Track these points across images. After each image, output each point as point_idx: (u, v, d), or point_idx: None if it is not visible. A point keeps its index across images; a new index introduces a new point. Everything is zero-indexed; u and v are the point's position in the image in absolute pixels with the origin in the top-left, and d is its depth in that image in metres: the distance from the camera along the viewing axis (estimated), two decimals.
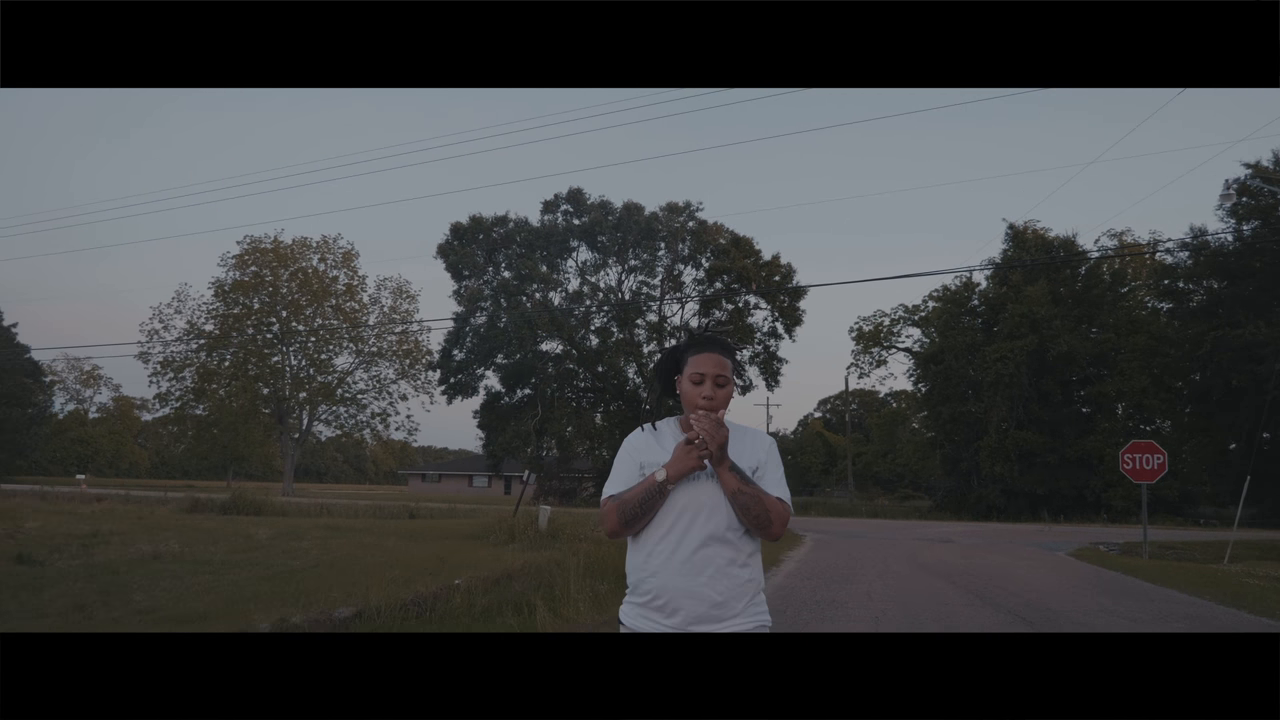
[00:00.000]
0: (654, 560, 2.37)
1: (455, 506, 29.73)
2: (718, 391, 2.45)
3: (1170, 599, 10.93)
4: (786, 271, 46.00)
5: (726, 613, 2.34)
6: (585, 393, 49.21)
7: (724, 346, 2.57)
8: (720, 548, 2.36)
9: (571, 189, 45.48)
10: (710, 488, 2.39)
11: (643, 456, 2.46)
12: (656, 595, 2.36)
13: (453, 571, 11.18)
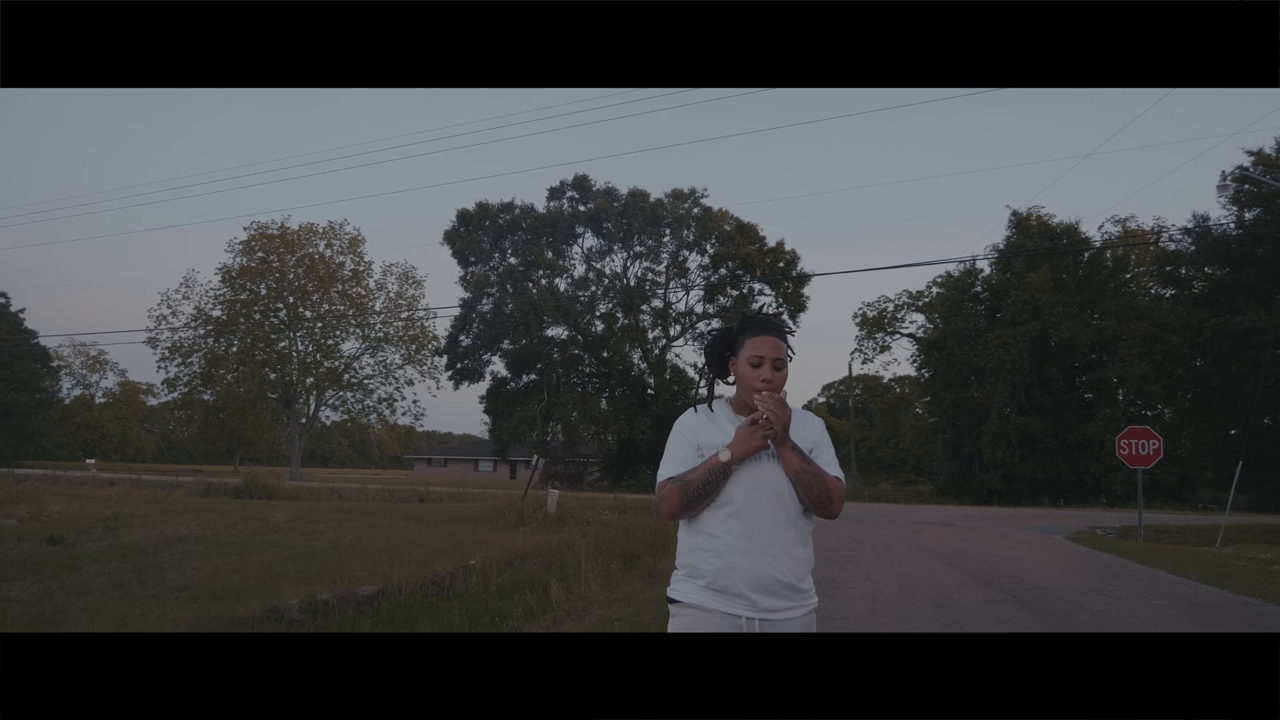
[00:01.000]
0: (717, 541, 2.39)
1: (463, 491, 30.18)
2: (776, 374, 2.45)
3: (1157, 579, 11.32)
4: (790, 258, 46.31)
5: (792, 592, 2.39)
6: (590, 378, 49.64)
7: (780, 329, 2.54)
8: (784, 528, 2.40)
9: (577, 175, 45.78)
10: (771, 468, 2.42)
11: (699, 438, 2.46)
12: (718, 576, 2.37)
13: (467, 552, 11.58)
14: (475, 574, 9.66)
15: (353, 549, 11.51)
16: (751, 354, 2.46)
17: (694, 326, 48.86)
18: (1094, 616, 8.20)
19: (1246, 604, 9.33)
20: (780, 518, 2.40)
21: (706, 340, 2.65)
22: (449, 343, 46.50)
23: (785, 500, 2.41)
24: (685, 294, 48.66)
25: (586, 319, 47.65)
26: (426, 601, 8.06)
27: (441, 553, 11.38)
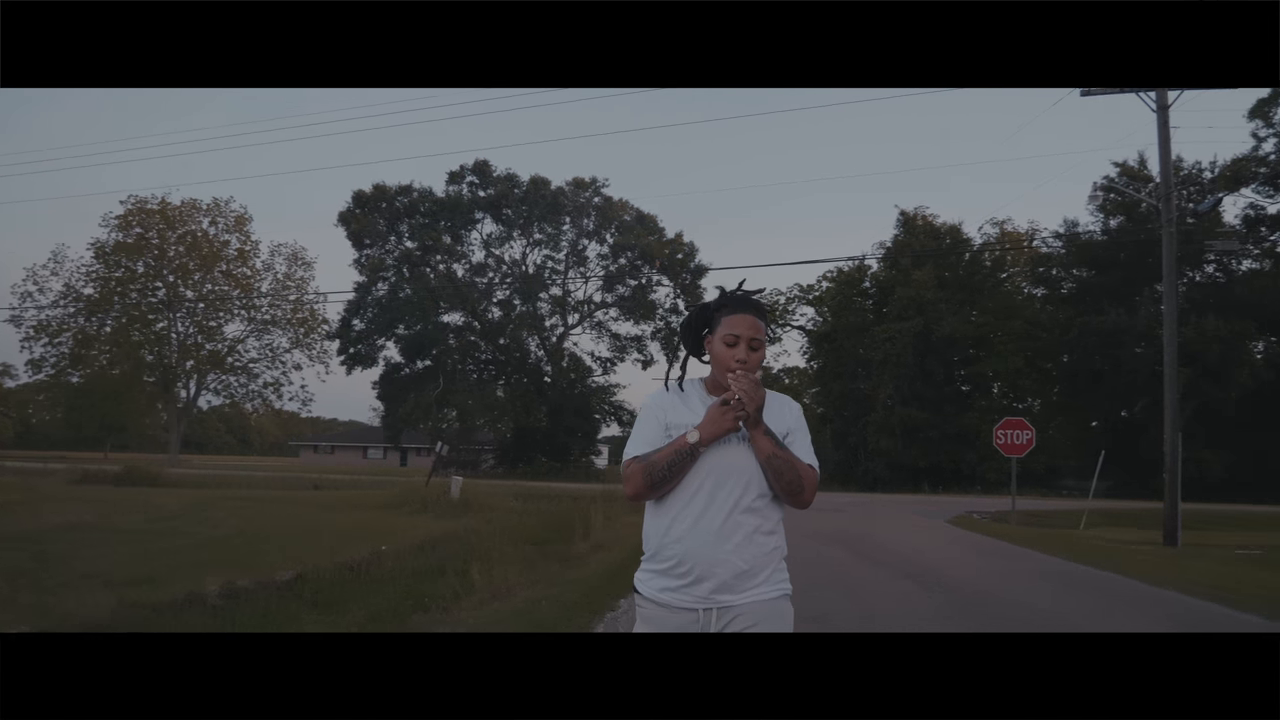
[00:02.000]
0: (678, 526, 2.30)
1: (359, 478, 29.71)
2: (751, 355, 2.35)
3: (1030, 557, 12.26)
4: (689, 250, 46.96)
5: (751, 581, 2.29)
6: (487, 365, 49.33)
7: (759, 308, 2.43)
8: (748, 515, 2.30)
9: (478, 160, 45.40)
10: (740, 452, 2.32)
11: (669, 417, 2.36)
12: (680, 562, 2.29)
13: (376, 539, 11.56)
14: (389, 559, 9.70)
15: (259, 536, 11.36)
16: (727, 332, 2.36)
17: (592, 315, 49.12)
18: (978, 591, 8.85)
19: (1107, 577, 10.24)
20: (744, 503, 2.30)
21: (684, 316, 2.56)
22: (341, 327, 45.50)
23: (752, 486, 2.32)
24: (584, 282, 48.90)
25: (484, 305, 47.33)
26: (346, 586, 8.09)
27: (351, 539, 11.35)
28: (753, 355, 2.35)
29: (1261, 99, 40.64)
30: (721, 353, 2.36)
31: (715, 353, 2.39)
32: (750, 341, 2.35)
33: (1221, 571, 11.12)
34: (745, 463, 2.33)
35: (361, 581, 8.49)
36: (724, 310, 2.40)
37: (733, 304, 2.41)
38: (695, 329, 2.48)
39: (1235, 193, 40.79)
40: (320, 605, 6.98)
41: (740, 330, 2.35)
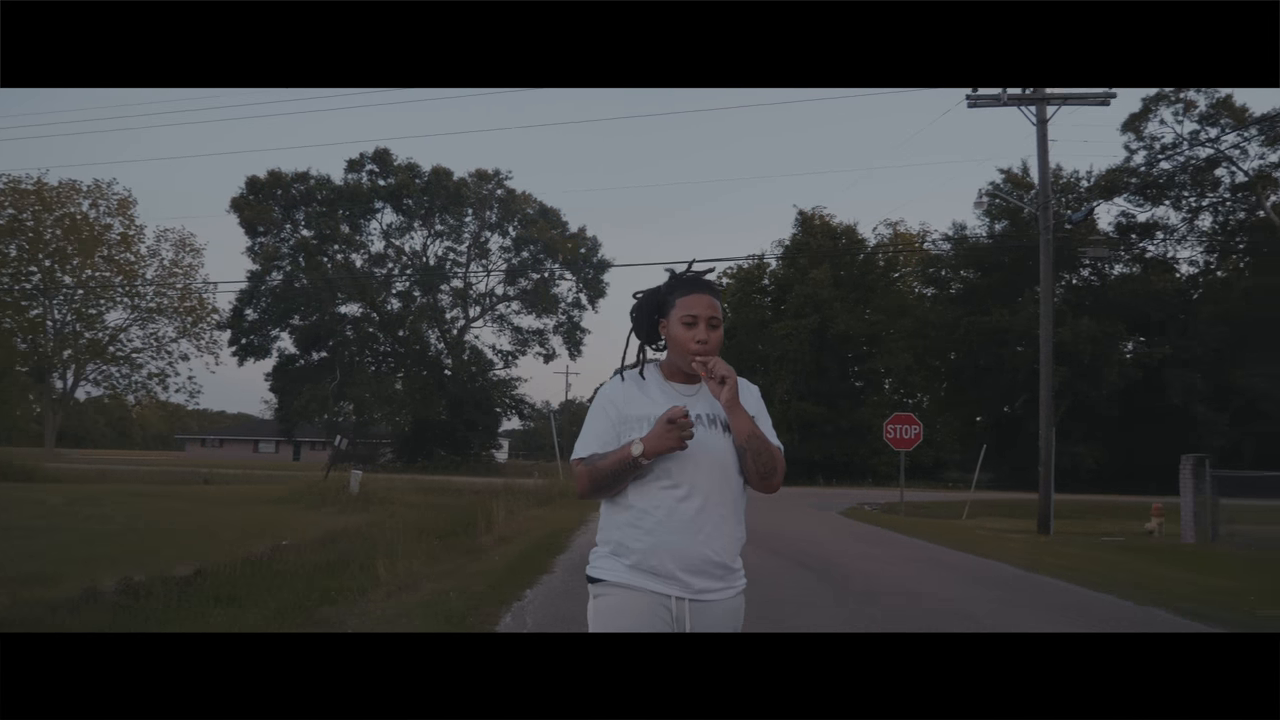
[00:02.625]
0: (648, 518, 2.20)
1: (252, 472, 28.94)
2: (711, 334, 2.26)
3: (917, 546, 12.96)
4: (592, 244, 47.15)
5: (720, 573, 2.23)
6: (386, 357, 48.57)
7: (712, 287, 2.35)
8: (720, 503, 2.23)
9: (378, 149, 44.56)
10: (711, 438, 2.24)
11: (628, 409, 2.27)
12: (648, 555, 2.19)
13: (275, 533, 11.43)
14: (291, 554, 9.63)
15: (151, 531, 11.10)
16: (684, 313, 2.27)
17: (494, 308, 48.83)
18: (868, 578, 9.34)
19: (985, 563, 10.93)
20: (718, 493, 2.23)
21: (635, 302, 2.43)
22: (233, 316, 44.05)
23: (727, 474, 2.25)
24: (486, 275, 48.56)
25: (383, 296, 46.55)
26: (248, 581, 8.03)
27: (250, 534, 11.18)
28: (713, 334, 2.26)
29: (1134, 113, 43.21)
30: (680, 334, 2.27)
31: (673, 335, 2.29)
32: (709, 320, 2.27)
33: (1086, 556, 11.97)
34: (716, 447, 2.25)
35: (263, 576, 8.43)
36: (677, 292, 2.32)
37: (686, 285, 2.33)
38: (648, 315, 2.38)
39: (1109, 201, 43.25)
40: (224, 600, 6.94)
41: (698, 310, 2.27)
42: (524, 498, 18.35)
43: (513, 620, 6.31)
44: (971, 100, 16.96)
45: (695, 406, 2.26)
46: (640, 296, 2.42)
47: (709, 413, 2.27)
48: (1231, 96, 42.10)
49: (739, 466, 2.28)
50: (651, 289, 2.41)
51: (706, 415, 2.26)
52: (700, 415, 2.25)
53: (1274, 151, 42.34)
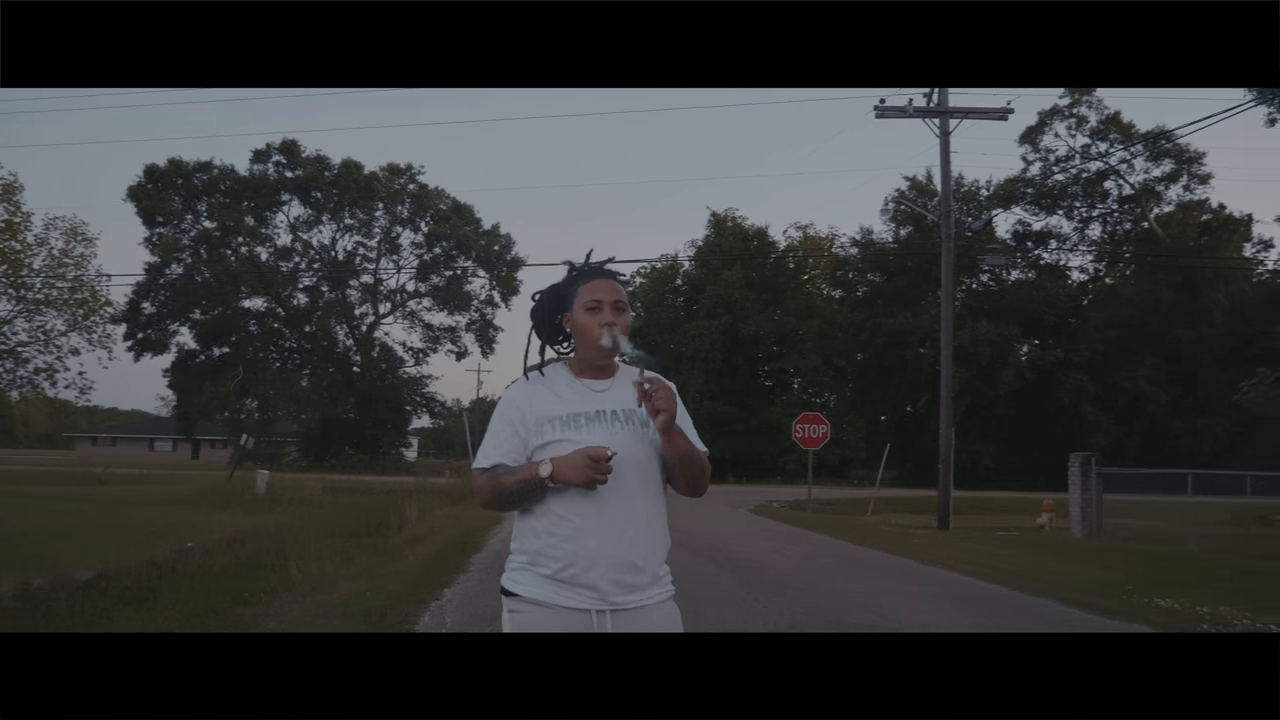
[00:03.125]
0: (565, 524, 2.07)
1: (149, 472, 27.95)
2: (619, 317, 2.15)
3: (823, 542, 13.40)
4: (506, 242, 46.86)
5: (645, 579, 2.12)
6: (291, 354, 47.39)
7: (614, 274, 2.25)
8: (642, 508, 2.13)
9: (286, 140, 43.47)
10: (630, 438, 2.12)
11: (535, 409, 2.14)
12: (569, 564, 2.06)
13: (180, 535, 11.14)
14: (197, 556, 9.42)
15: (48, 534, 10.69)
16: (588, 299, 2.16)
17: (405, 304, 48.11)
18: (777, 573, 9.63)
19: (886, 558, 11.40)
20: (640, 495, 2.12)
21: (534, 303, 2.31)
22: (129, 310, 42.30)
23: (647, 476, 2.14)
24: (397, 271, 47.80)
25: (289, 291, 45.39)
26: (154, 584, 7.85)
27: (152, 536, 10.88)
28: (620, 317, 2.15)
29: (1030, 126, 45.14)
30: (585, 321, 2.15)
31: (579, 324, 2.17)
32: (614, 304, 2.15)
33: (982, 550, 12.55)
34: (637, 450, 2.12)
35: (169, 579, 8.24)
36: (578, 283, 2.22)
37: (586, 274, 2.23)
38: (549, 314, 2.27)
39: (1007, 210, 45.09)
40: (132, 603, 6.78)
41: (601, 295, 2.16)
42: (436, 497, 18.22)
43: (431, 619, 6.35)
44: (879, 110, 17.55)
45: (609, 402, 2.16)
46: (539, 295, 2.31)
47: (625, 409, 2.15)
48: (1120, 113, 44.39)
49: (660, 466, 2.18)
50: (550, 286, 2.31)
51: (623, 411, 2.15)
52: (616, 412, 2.14)
53: (1158, 166, 44.85)
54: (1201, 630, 6.74)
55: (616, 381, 2.22)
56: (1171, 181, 45.21)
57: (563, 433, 2.10)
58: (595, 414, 2.14)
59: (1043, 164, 45.67)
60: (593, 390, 2.19)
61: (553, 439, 2.10)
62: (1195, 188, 45.10)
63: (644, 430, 2.13)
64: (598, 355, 2.16)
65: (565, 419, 2.11)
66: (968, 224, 30.71)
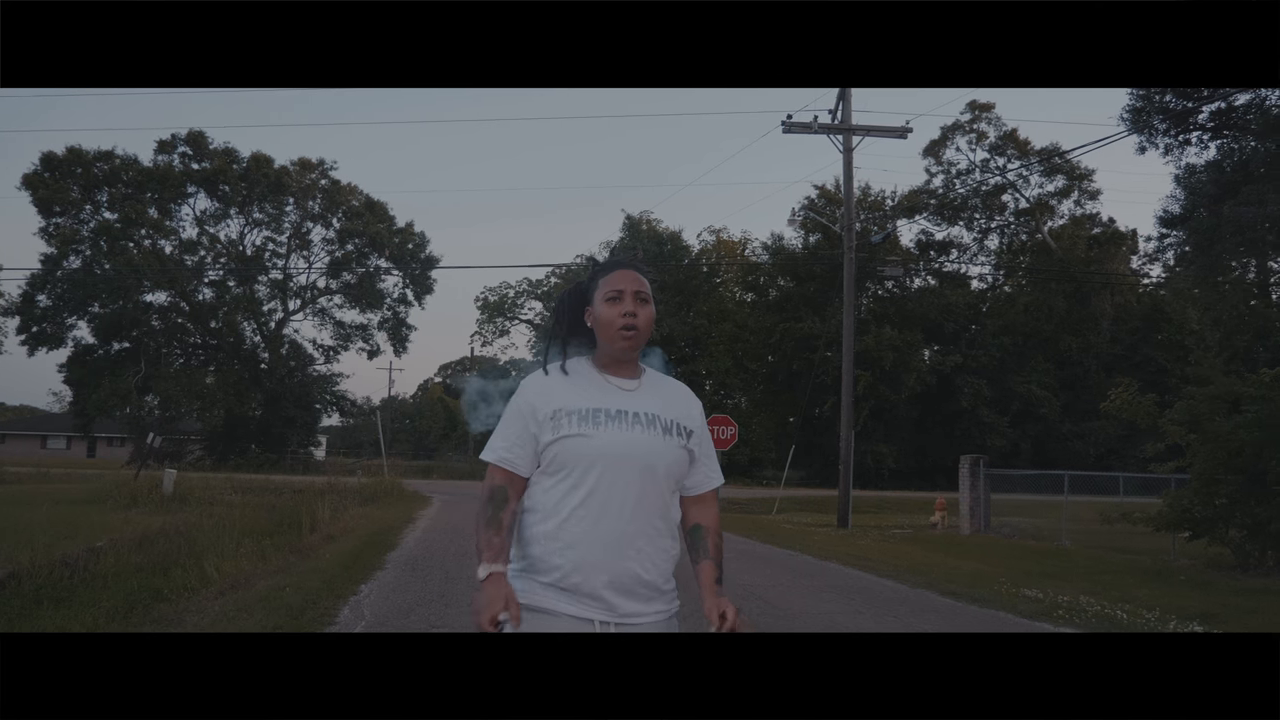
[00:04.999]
0: (570, 529, 1.96)
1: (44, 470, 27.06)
2: (641, 308, 2.05)
3: (730, 539, 13.83)
4: (420, 240, 46.53)
5: (652, 594, 2.02)
6: (196, 350, 46.21)
7: (639, 265, 2.14)
8: (653, 514, 2.01)
9: (192, 131, 42.29)
10: (641, 436, 2.01)
11: (553, 403, 2.02)
12: (569, 573, 1.94)
13: (88, 535, 11.08)
14: (109, 555, 9.45)
15: None
16: (608, 290, 2.06)
17: (315, 301, 47.35)
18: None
19: (787, 554, 12.06)
20: (648, 501, 2.00)
21: (558, 301, 2.23)
22: (23, 302, 40.64)
23: (658, 479, 2.02)
24: (308, 267, 47.01)
25: (194, 286, 44.23)
26: (69, 582, 7.93)
27: (59, 536, 10.79)
28: (643, 309, 2.06)
29: (934, 140, 47.02)
30: (606, 312, 2.05)
31: (599, 317, 2.07)
32: (636, 294, 2.05)
33: (875, 547, 13.34)
34: (650, 448, 2.01)
35: (83, 577, 8.31)
36: (599, 275, 2.12)
37: (608, 265, 2.14)
38: (571, 307, 2.19)
39: (910, 220, 46.84)
40: (48, 601, 6.90)
41: (623, 284, 2.06)
42: (348, 496, 18.27)
43: (350, 613, 6.65)
44: (786, 126, 18.29)
45: (634, 403, 2.05)
46: (563, 293, 2.24)
47: (648, 411, 2.05)
48: (1016, 130, 46.61)
49: (677, 476, 2.08)
50: (574, 283, 2.24)
51: (645, 414, 2.04)
52: (639, 414, 2.03)
53: (1051, 182, 47.22)
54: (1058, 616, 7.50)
55: (645, 383, 2.14)
56: (1064, 197, 47.73)
57: (579, 427, 1.98)
58: (617, 413, 2.02)
59: (945, 176, 47.66)
60: (619, 388, 2.09)
61: (569, 433, 1.98)
62: (1085, 202, 47.78)
63: (665, 438, 2.04)
64: (622, 354, 2.07)
65: (585, 414, 2.00)
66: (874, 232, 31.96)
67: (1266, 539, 10.77)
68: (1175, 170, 15.31)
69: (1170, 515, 11.47)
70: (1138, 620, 7.32)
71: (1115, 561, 11.99)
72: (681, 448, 2.07)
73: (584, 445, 1.97)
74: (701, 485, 2.19)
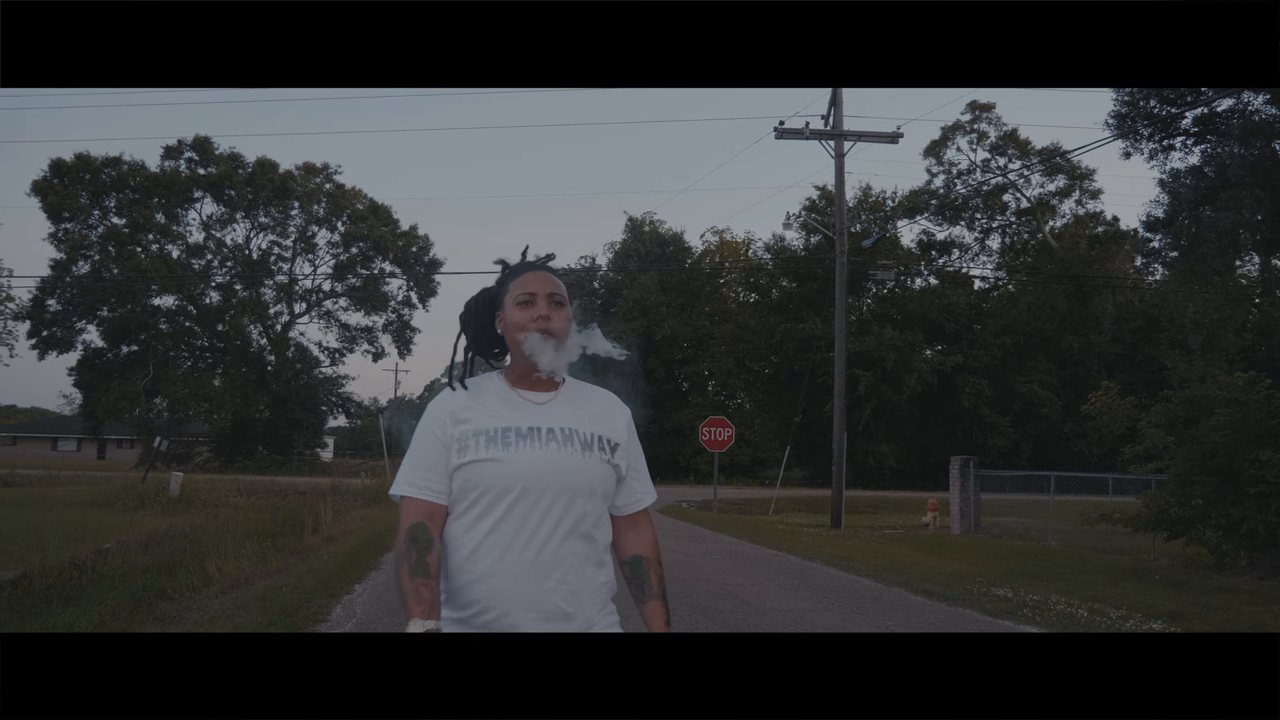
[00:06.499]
0: (482, 559, 1.79)
1: (56, 473, 27.52)
2: (555, 311, 1.88)
3: (720, 540, 14.33)
4: (423, 243, 46.95)
5: (578, 625, 1.82)
6: (203, 353, 46.70)
7: (550, 268, 1.99)
8: (574, 540, 1.83)
9: (198, 137, 42.83)
10: (563, 454, 1.84)
11: (466, 423, 1.84)
12: (486, 608, 1.78)
13: (96, 537, 11.45)
14: (115, 556, 9.82)
15: None
16: (519, 292, 1.90)
17: (321, 304, 47.83)
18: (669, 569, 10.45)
19: (774, 554, 12.37)
20: (567, 526, 1.82)
21: (464, 309, 2.03)
22: (34, 307, 41.19)
23: (581, 500, 1.84)
24: (313, 270, 47.51)
25: (201, 289, 44.75)
26: (77, 582, 8.29)
27: (69, 538, 11.18)
28: (557, 312, 1.89)
29: (934, 140, 47.23)
30: (516, 317, 1.88)
31: (510, 321, 1.90)
32: (549, 297, 1.89)
33: (863, 547, 13.63)
34: (567, 466, 1.84)
35: (90, 578, 8.67)
36: (509, 279, 1.95)
37: (518, 269, 1.97)
38: (479, 314, 2.00)
39: (912, 220, 47.07)
40: (57, 600, 7.25)
41: (535, 287, 1.90)
42: (351, 498, 18.64)
43: (342, 611, 7.00)
44: (778, 132, 18.59)
45: (548, 418, 1.87)
46: (471, 301, 2.04)
47: (564, 426, 1.87)
48: (1017, 130, 46.78)
49: (604, 495, 1.91)
50: (480, 290, 2.04)
51: (561, 430, 1.86)
52: (554, 430, 1.86)
53: (1052, 182, 47.40)
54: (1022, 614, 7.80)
55: (562, 394, 1.95)
56: (1065, 196, 47.89)
57: (489, 451, 1.80)
58: (529, 430, 1.84)
59: (946, 176, 47.88)
60: (530, 403, 1.90)
61: (477, 458, 1.80)
62: (1087, 202, 47.94)
63: (585, 454, 1.86)
64: (529, 364, 1.88)
65: (493, 434, 1.82)
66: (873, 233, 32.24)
67: (1240, 539, 11.03)
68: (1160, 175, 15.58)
69: (1147, 516, 11.74)
70: (1097, 619, 7.62)
71: (1097, 561, 12.25)
72: (605, 463, 1.89)
73: (492, 470, 1.79)
74: (632, 504, 2.02)
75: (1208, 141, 15.21)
